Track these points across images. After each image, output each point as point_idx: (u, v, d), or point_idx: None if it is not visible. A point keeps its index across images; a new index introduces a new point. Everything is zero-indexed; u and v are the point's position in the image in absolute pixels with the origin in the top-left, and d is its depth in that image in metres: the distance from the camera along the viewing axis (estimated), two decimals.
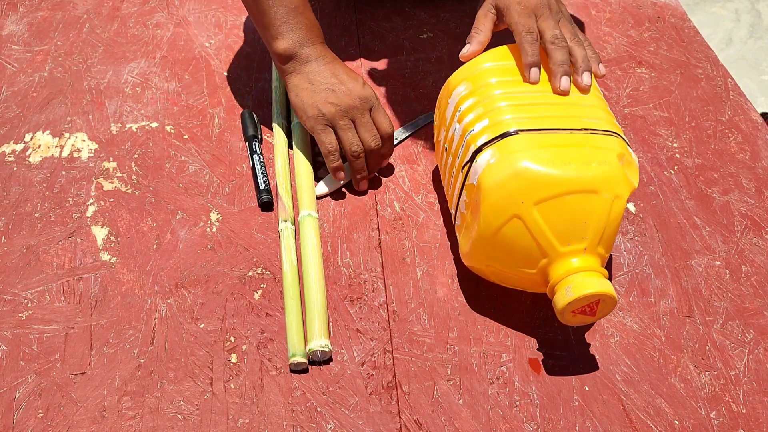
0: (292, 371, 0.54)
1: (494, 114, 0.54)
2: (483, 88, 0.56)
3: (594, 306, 0.51)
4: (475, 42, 0.60)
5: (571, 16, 0.86)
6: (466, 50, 0.59)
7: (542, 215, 0.51)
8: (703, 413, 0.53)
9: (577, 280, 0.50)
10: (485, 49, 0.59)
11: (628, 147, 0.53)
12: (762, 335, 0.57)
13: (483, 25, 0.60)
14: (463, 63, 0.59)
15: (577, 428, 0.51)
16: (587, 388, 0.54)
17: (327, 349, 0.54)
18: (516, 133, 0.52)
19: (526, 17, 0.58)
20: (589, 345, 0.56)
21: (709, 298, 0.60)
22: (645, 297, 0.60)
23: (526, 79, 0.56)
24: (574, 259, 0.51)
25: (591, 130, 0.53)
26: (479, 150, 0.53)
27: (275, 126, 0.71)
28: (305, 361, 0.53)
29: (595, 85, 0.58)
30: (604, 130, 0.53)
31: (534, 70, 0.56)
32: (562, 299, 0.50)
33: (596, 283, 0.50)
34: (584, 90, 0.56)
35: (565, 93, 0.56)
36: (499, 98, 0.55)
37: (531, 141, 0.52)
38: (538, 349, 0.56)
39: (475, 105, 0.56)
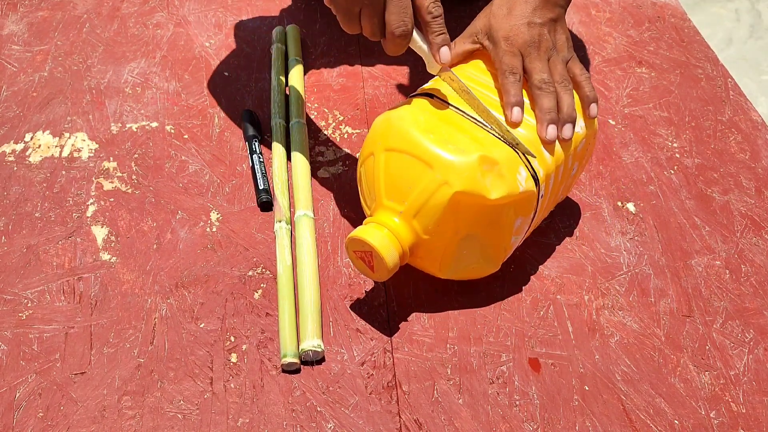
0: (284, 371, 0.54)
1: (439, 83, 0.57)
2: (460, 69, 0.60)
3: (370, 258, 0.53)
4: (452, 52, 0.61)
5: (572, 25, 0.86)
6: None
7: (386, 162, 0.54)
8: (703, 413, 0.53)
9: (365, 225, 0.54)
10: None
11: (524, 167, 0.52)
12: (762, 335, 0.57)
13: (464, 39, 0.61)
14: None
15: (576, 428, 0.51)
16: (587, 388, 0.54)
17: (319, 350, 0.54)
18: (432, 97, 0.56)
19: (511, 56, 0.56)
20: (588, 345, 0.56)
21: (708, 298, 0.60)
22: (645, 297, 0.60)
23: (507, 119, 0.54)
24: (390, 215, 0.53)
25: (497, 133, 0.53)
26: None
27: (273, 126, 0.71)
28: (297, 361, 0.53)
29: (580, 118, 0.57)
30: (509, 139, 0.53)
31: (516, 109, 0.54)
32: (349, 234, 0.54)
33: (372, 233, 0.52)
34: (563, 142, 0.55)
35: (551, 142, 0.54)
36: (461, 76, 0.58)
37: (429, 106, 0.55)
38: (538, 349, 0.56)
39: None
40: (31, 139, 0.72)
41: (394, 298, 0.59)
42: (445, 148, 0.52)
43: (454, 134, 0.53)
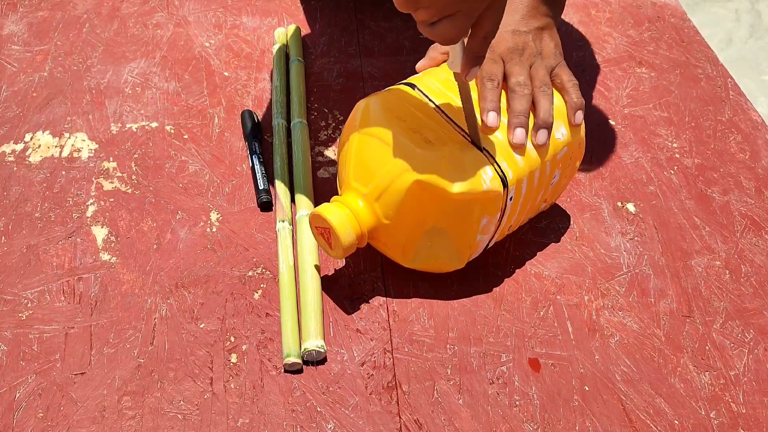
0: (286, 371, 0.54)
1: (427, 76, 0.58)
2: (443, 68, 0.60)
3: (328, 235, 0.54)
4: (426, 57, 0.61)
5: (571, 25, 0.86)
6: (419, 63, 0.62)
7: (358, 145, 0.55)
8: (703, 413, 0.53)
9: (329, 203, 0.55)
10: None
11: (491, 167, 0.52)
12: (762, 335, 0.57)
13: (441, 47, 0.60)
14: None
15: (577, 428, 0.51)
16: (587, 388, 0.54)
17: (322, 350, 0.54)
18: (414, 87, 0.56)
19: (491, 63, 0.56)
20: (588, 345, 0.56)
21: (708, 298, 0.60)
22: (645, 297, 0.60)
23: (484, 124, 0.54)
24: (355, 196, 0.54)
25: (468, 136, 0.54)
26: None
27: (275, 126, 0.71)
28: (299, 361, 0.53)
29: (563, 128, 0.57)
30: (478, 144, 0.53)
31: (492, 114, 0.54)
32: (312, 210, 0.56)
33: (332, 211, 0.53)
34: (538, 148, 0.55)
35: (519, 146, 0.54)
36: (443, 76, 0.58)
37: (410, 96, 0.56)
38: (538, 349, 0.56)
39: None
40: (31, 139, 0.72)
41: (394, 298, 0.59)
42: (412, 136, 0.53)
43: (425, 124, 0.54)
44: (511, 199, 0.55)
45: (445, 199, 0.52)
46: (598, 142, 0.73)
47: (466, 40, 0.50)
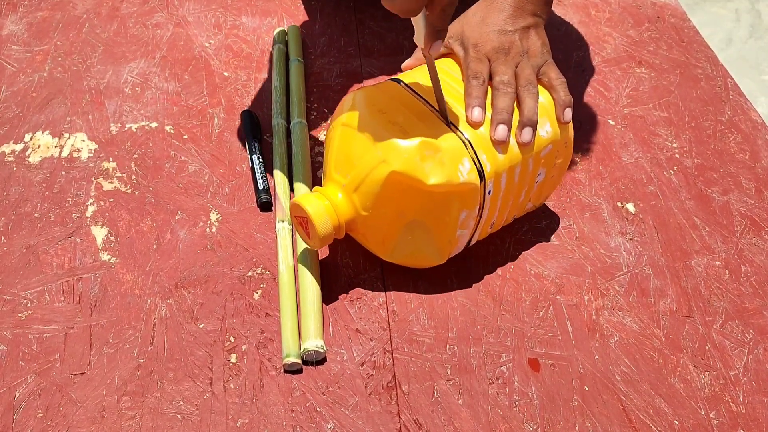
0: (285, 371, 0.54)
1: (414, 72, 0.59)
2: (442, 63, 0.61)
3: (306, 225, 0.55)
4: (412, 57, 0.63)
5: (570, 24, 0.86)
6: (405, 62, 0.63)
7: (340, 137, 0.56)
8: (703, 413, 0.53)
9: (309, 193, 0.56)
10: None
11: (469, 159, 0.53)
12: (761, 335, 0.57)
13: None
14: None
15: (576, 428, 0.51)
16: (587, 388, 0.54)
17: (322, 350, 0.54)
18: (399, 82, 0.57)
19: (477, 62, 0.57)
20: (588, 345, 0.56)
21: (708, 298, 0.60)
22: (644, 297, 0.60)
23: (468, 119, 0.54)
24: (335, 187, 0.55)
25: (452, 124, 0.54)
26: None
27: (274, 126, 0.71)
28: (299, 361, 0.53)
29: (554, 125, 0.57)
30: (461, 130, 0.54)
31: (476, 109, 0.54)
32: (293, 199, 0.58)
33: (310, 201, 0.54)
34: (522, 146, 0.55)
35: (501, 142, 0.54)
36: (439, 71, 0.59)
37: (394, 90, 0.56)
38: (537, 350, 0.56)
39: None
40: (31, 139, 0.72)
41: (394, 298, 0.59)
42: (391, 128, 0.53)
43: (406, 117, 0.54)
44: (489, 193, 0.55)
45: (421, 190, 0.52)
46: (598, 142, 0.73)
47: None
